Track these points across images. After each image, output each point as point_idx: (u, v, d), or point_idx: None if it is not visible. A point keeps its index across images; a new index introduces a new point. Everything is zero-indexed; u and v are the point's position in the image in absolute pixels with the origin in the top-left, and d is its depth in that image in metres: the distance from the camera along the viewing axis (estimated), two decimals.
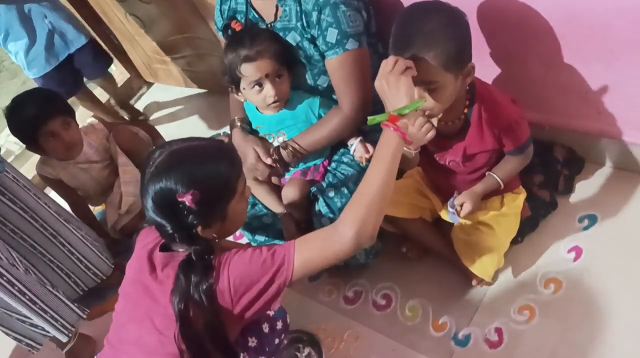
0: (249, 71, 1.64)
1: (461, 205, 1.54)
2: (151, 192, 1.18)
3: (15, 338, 2.00)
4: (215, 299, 1.18)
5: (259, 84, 1.66)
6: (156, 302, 1.23)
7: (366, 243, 1.20)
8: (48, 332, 1.97)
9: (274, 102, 1.68)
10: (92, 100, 2.97)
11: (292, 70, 1.71)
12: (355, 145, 1.75)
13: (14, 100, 2.18)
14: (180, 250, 1.26)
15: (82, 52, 2.72)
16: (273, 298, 1.22)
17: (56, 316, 1.92)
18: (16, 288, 1.82)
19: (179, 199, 1.15)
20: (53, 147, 2.20)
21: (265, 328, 1.46)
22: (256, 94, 1.69)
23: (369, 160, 1.71)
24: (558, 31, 1.50)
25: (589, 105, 1.65)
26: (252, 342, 1.44)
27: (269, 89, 1.66)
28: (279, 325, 1.49)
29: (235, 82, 1.69)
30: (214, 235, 1.25)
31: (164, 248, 1.29)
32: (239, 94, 1.73)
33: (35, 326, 1.94)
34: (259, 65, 1.62)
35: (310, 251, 1.21)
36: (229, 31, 1.76)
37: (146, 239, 1.34)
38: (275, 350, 1.51)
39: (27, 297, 1.84)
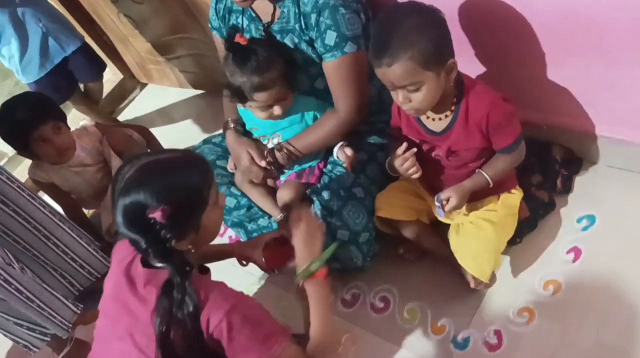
0: (260, 98, 1.63)
1: (447, 200, 1.53)
2: (121, 208, 1.16)
3: (12, 340, 2.00)
4: (198, 322, 1.16)
5: (269, 106, 1.66)
6: (137, 319, 1.20)
7: None
8: (46, 335, 1.96)
9: (279, 115, 1.69)
10: (86, 104, 2.94)
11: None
12: (336, 150, 1.75)
13: (3, 105, 2.15)
14: (159, 265, 1.22)
15: (77, 55, 2.69)
16: None
17: (53, 313, 1.91)
18: (13, 287, 1.80)
19: (150, 215, 1.13)
20: (44, 152, 2.18)
21: None
22: (263, 111, 1.68)
23: (353, 164, 1.71)
24: (556, 30, 1.49)
25: (587, 105, 1.64)
26: None
27: (277, 109, 1.66)
28: None
29: (242, 99, 1.67)
30: (189, 246, 1.23)
31: (145, 262, 1.26)
32: (242, 105, 1.72)
33: (33, 330, 1.93)
34: (271, 93, 1.62)
35: None
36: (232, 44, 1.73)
37: (122, 253, 1.30)
38: None
39: (24, 295, 1.83)
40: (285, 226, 1.84)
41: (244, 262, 1.73)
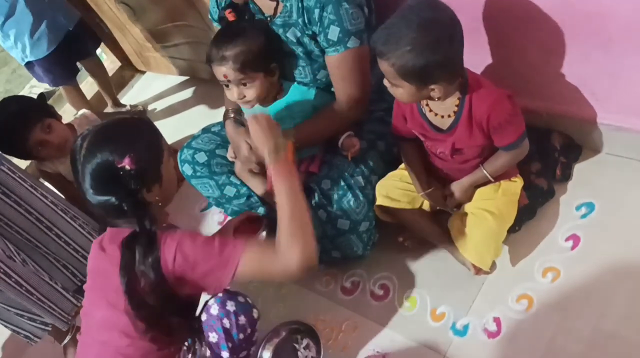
0: (214, 71, 1.65)
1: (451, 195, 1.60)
2: (88, 172, 1.24)
3: (13, 330, 2.01)
4: (161, 270, 1.23)
5: (225, 84, 1.66)
6: (107, 278, 1.28)
7: (313, 268, 1.27)
8: (47, 325, 1.97)
9: (240, 101, 1.69)
10: (80, 95, 2.91)
11: (282, 66, 1.69)
12: (342, 139, 1.74)
13: None
14: (125, 223, 1.31)
15: (77, 28, 2.65)
16: (208, 288, 1.32)
17: (53, 305, 1.93)
18: (13, 280, 1.82)
19: (119, 166, 1.22)
20: (46, 153, 2.19)
21: (226, 323, 1.47)
22: (225, 89, 1.70)
23: (354, 155, 1.71)
24: (556, 17, 1.48)
25: (586, 92, 1.64)
26: (213, 337, 1.48)
27: (232, 92, 1.67)
28: (242, 320, 1.50)
29: None
30: (157, 198, 1.32)
31: (111, 224, 1.36)
32: None
33: (34, 320, 1.95)
34: (220, 69, 1.62)
35: (254, 265, 1.27)
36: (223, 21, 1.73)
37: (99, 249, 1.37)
38: (240, 345, 1.52)
39: (24, 288, 1.85)
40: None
41: None
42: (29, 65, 2.63)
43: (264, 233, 1.74)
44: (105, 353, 1.34)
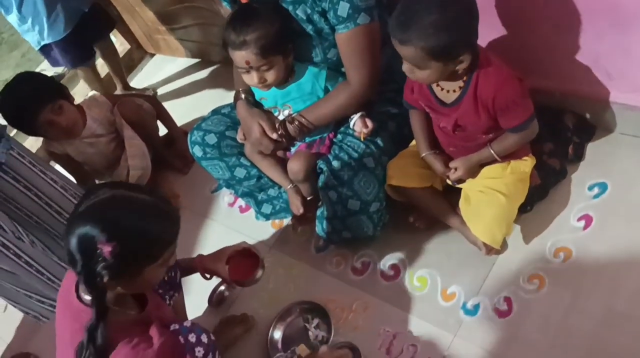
0: (234, 57, 1.63)
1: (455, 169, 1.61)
2: (78, 225, 1.13)
3: (22, 311, 2.04)
4: None
5: (246, 70, 1.65)
6: (66, 350, 1.23)
7: None
8: (55, 307, 1.99)
9: (260, 85, 1.68)
10: (96, 76, 2.90)
11: (294, 46, 1.67)
12: (355, 119, 1.73)
13: (1, 97, 2.14)
14: (87, 297, 1.22)
15: (92, 10, 2.62)
16: None
17: None
18: (23, 260, 1.84)
19: (99, 246, 1.11)
20: (53, 134, 2.19)
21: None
22: (243, 74, 1.68)
23: (367, 136, 1.70)
24: None
25: (600, 71, 1.62)
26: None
27: (252, 77, 1.65)
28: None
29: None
30: (119, 288, 1.20)
31: (77, 295, 1.26)
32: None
33: (42, 302, 1.97)
34: (242, 55, 1.60)
35: None
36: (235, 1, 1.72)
37: (72, 281, 1.30)
38: None
39: (34, 268, 1.87)
40: (294, 196, 1.86)
41: (207, 276, 1.70)
42: (44, 49, 2.61)
43: (260, 273, 1.66)
44: None
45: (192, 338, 1.27)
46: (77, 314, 1.23)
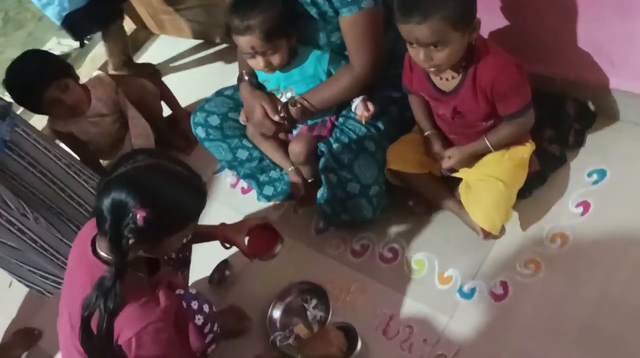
0: (238, 43, 1.64)
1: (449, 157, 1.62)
2: (114, 188, 1.17)
3: (26, 285, 2.07)
4: (112, 326, 1.20)
5: (251, 55, 1.65)
6: (74, 299, 1.27)
7: None
8: (59, 283, 2.02)
9: (265, 69, 1.68)
10: (122, 37, 2.88)
11: (298, 29, 1.67)
12: (357, 102, 1.73)
13: (7, 72, 2.15)
14: (105, 257, 1.26)
15: None
16: None
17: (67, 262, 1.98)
18: (27, 236, 1.87)
19: (132, 210, 1.15)
20: (58, 112, 2.20)
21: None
22: (248, 59, 1.69)
23: (368, 119, 1.71)
24: None
25: (602, 58, 1.62)
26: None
27: (258, 62, 1.66)
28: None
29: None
30: (141, 252, 1.25)
31: (94, 252, 1.29)
32: None
33: (46, 278, 2.00)
34: (246, 40, 1.61)
35: None
36: None
37: (89, 233, 1.34)
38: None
39: (38, 245, 1.90)
40: (295, 178, 1.87)
41: (227, 245, 1.73)
42: (67, 21, 2.54)
43: (279, 248, 1.69)
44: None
45: (194, 305, 1.32)
46: (91, 268, 1.27)
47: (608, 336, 1.43)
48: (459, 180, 1.71)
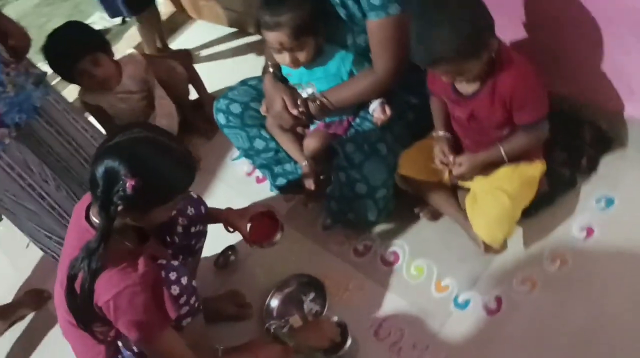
0: (267, 38, 1.68)
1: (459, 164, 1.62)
2: (109, 156, 1.23)
3: (40, 248, 2.14)
4: (93, 287, 1.27)
5: (278, 50, 1.69)
6: (64, 261, 1.35)
7: None
8: None
9: (291, 65, 1.72)
10: (155, 25, 2.95)
11: (326, 28, 1.70)
12: (375, 105, 1.76)
13: (46, 40, 2.23)
14: (95, 220, 1.32)
15: None
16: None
17: None
18: (46, 202, 1.92)
19: (123, 178, 1.21)
20: (88, 84, 2.28)
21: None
22: (275, 53, 1.72)
23: (384, 123, 1.73)
24: (597, 3, 1.46)
25: (622, 85, 1.61)
26: None
27: (284, 57, 1.70)
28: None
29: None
30: (129, 219, 1.32)
31: (87, 217, 1.36)
32: None
33: (61, 244, 2.06)
34: (275, 36, 1.65)
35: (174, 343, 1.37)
36: None
37: (87, 201, 1.40)
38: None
39: (56, 211, 1.95)
40: (308, 172, 1.91)
41: (230, 229, 1.76)
42: None
43: (278, 236, 1.72)
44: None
45: (172, 276, 1.37)
46: (81, 233, 1.34)
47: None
48: (467, 191, 1.73)
